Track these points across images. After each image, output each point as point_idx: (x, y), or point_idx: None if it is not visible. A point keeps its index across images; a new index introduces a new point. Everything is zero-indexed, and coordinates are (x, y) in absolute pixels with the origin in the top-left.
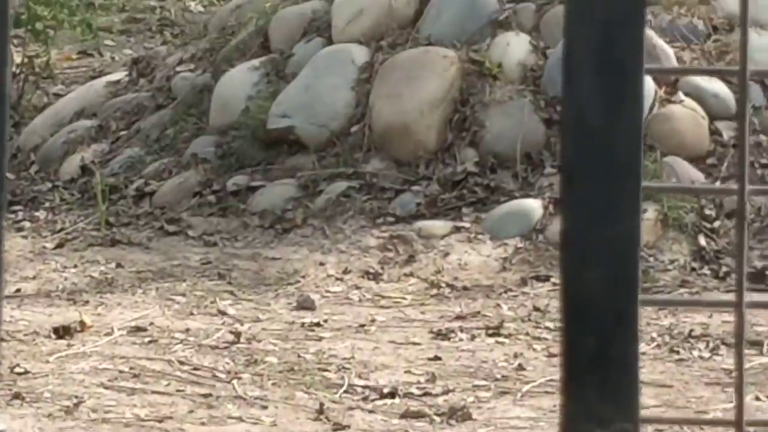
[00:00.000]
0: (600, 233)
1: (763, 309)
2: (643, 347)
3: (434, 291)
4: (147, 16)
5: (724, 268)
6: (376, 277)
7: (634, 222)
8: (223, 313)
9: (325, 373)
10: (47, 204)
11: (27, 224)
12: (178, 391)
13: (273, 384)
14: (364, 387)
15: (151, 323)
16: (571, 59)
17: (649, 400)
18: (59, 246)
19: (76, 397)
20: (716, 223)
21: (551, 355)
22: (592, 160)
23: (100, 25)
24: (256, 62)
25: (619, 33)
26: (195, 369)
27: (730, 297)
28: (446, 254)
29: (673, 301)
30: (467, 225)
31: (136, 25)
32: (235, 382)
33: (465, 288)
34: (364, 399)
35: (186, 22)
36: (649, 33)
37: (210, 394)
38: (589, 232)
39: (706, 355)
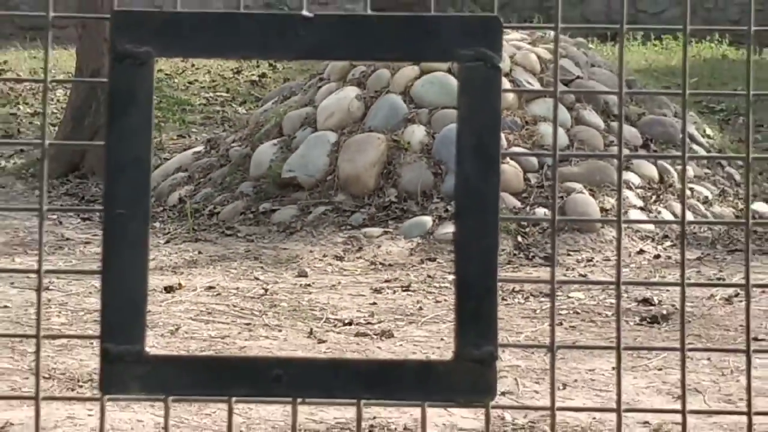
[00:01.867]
0: (476, 244)
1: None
2: None
3: (373, 267)
4: (215, 115)
5: (531, 254)
6: (341, 259)
7: (495, 237)
8: (257, 279)
9: (313, 312)
10: (160, 218)
11: None
12: (232, 322)
13: (285, 318)
14: (335, 319)
15: (218, 284)
16: (461, 151)
17: None
18: (167, 242)
19: (176, 325)
20: (527, 229)
21: (437, 302)
22: (471, 204)
23: (189, 121)
24: (275, 141)
25: (488, 136)
26: (242, 309)
27: (537, 272)
28: (379, 246)
29: (514, 279)
30: (391, 230)
31: (209, 119)
32: (263, 317)
33: (390, 265)
34: (335, 326)
35: (236, 119)
36: None
37: (250, 323)
38: (470, 242)
39: (522, 301)
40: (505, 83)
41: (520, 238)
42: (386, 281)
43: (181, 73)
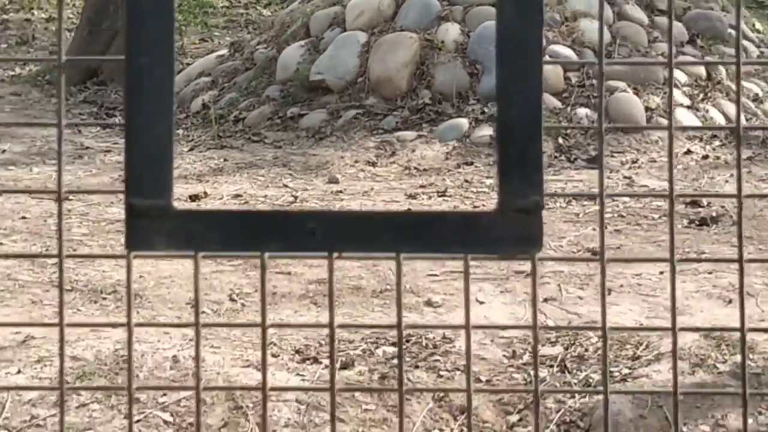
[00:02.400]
0: (518, 88)
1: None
2: None
3: (407, 172)
4: (238, 18)
5: (573, 156)
6: (373, 164)
7: (539, 80)
8: (286, 186)
9: None
10: (183, 125)
11: None
12: None
13: None
14: None
15: (245, 192)
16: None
17: None
18: (191, 149)
19: None
20: (569, 131)
21: (475, 207)
22: (513, 47)
23: (212, 24)
24: (302, 42)
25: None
26: None
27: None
28: (413, 150)
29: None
30: (425, 134)
31: (233, 22)
32: None
33: (425, 169)
34: None
35: (261, 20)
36: None
37: None
38: (511, 86)
39: (564, 205)
40: None
41: (561, 140)
42: (421, 187)
43: None
